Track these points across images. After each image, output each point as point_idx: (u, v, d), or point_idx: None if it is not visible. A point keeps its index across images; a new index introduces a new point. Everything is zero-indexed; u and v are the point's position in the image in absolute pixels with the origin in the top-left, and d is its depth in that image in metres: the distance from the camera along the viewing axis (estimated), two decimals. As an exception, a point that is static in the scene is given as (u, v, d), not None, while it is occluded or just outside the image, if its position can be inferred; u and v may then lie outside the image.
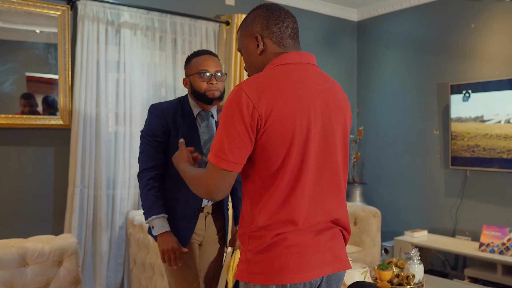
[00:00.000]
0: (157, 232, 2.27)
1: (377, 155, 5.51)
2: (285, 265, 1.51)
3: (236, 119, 1.47)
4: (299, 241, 1.54)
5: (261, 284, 1.52)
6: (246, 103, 1.47)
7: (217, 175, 1.52)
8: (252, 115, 1.46)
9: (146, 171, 2.33)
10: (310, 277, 1.54)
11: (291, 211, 1.52)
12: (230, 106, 1.49)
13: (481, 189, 4.52)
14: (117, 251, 3.88)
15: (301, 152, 1.52)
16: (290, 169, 1.51)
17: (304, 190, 1.54)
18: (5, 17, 3.45)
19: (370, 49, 5.61)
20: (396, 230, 5.13)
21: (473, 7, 4.55)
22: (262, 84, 1.52)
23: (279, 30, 1.63)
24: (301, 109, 1.52)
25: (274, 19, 1.63)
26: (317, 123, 1.56)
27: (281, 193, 1.52)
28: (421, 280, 2.93)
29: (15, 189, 3.55)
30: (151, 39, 4.07)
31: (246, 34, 1.69)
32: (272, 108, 1.48)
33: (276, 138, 1.49)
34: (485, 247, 4.08)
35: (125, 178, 3.91)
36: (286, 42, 1.64)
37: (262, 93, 1.49)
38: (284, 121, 1.49)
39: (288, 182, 1.52)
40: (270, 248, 1.52)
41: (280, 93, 1.51)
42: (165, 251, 2.25)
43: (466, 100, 4.46)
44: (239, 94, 1.49)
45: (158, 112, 2.36)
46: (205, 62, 2.35)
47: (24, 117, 3.52)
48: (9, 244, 2.65)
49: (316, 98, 1.57)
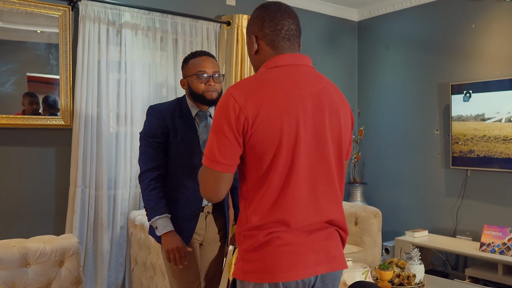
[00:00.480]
0: (161, 232, 2.27)
1: (378, 155, 5.52)
2: (277, 263, 1.53)
3: (223, 122, 1.50)
4: (292, 240, 1.55)
5: (254, 282, 1.54)
6: (233, 106, 1.50)
7: (212, 177, 1.57)
8: (238, 118, 1.49)
9: (147, 172, 2.33)
10: (302, 276, 1.55)
11: (283, 212, 1.54)
12: (219, 110, 1.54)
13: (482, 189, 4.52)
14: (118, 251, 3.88)
15: (290, 154, 1.53)
16: (280, 170, 1.53)
17: (296, 191, 1.55)
18: (7, 17, 3.46)
19: (371, 49, 5.62)
20: (396, 230, 5.13)
21: (474, 7, 4.55)
22: (250, 87, 1.54)
23: (272, 33, 1.64)
24: (289, 111, 1.53)
25: (269, 21, 1.64)
26: (307, 124, 1.56)
27: (272, 194, 1.54)
28: (422, 280, 2.93)
29: (17, 189, 3.55)
30: (152, 40, 4.07)
31: (247, 32, 1.73)
32: (258, 110, 1.50)
33: (263, 139, 1.51)
34: (486, 247, 4.08)
35: (126, 178, 3.92)
36: (279, 44, 1.64)
37: (249, 96, 1.51)
38: (270, 123, 1.50)
39: (279, 183, 1.53)
40: (263, 247, 1.54)
41: (268, 96, 1.52)
42: (170, 250, 2.26)
43: (467, 100, 4.46)
44: (227, 97, 1.53)
45: (156, 113, 2.37)
46: (202, 63, 2.35)
47: (25, 117, 3.52)
48: (10, 244, 2.65)
49: (307, 100, 1.57)
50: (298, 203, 1.55)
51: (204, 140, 2.38)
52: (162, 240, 2.29)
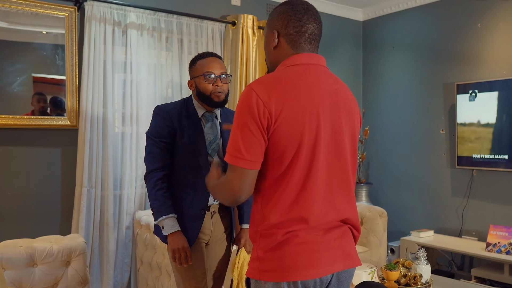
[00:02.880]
0: (168, 232, 2.28)
1: (383, 155, 5.51)
2: (296, 262, 1.53)
3: (248, 118, 1.49)
4: (309, 239, 1.55)
5: (272, 282, 1.53)
6: (256, 101, 1.49)
7: (238, 175, 1.53)
8: (263, 113, 1.48)
9: (153, 172, 2.34)
10: (321, 274, 1.55)
11: (302, 209, 1.54)
12: (242, 106, 1.52)
13: (487, 189, 4.51)
14: (124, 251, 3.89)
15: (311, 151, 1.54)
16: (301, 168, 1.53)
17: (315, 188, 1.55)
18: (13, 18, 3.47)
19: (376, 49, 5.61)
20: (402, 230, 5.12)
21: (479, 7, 4.54)
22: (272, 84, 1.54)
23: (296, 34, 1.63)
24: (310, 108, 1.54)
25: (294, 21, 1.63)
26: (326, 122, 1.57)
27: (292, 191, 1.53)
28: (429, 280, 2.92)
29: (23, 189, 3.57)
30: (158, 40, 4.08)
31: (268, 25, 1.71)
32: (282, 106, 1.50)
33: (286, 136, 1.50)
34: (492, 247, 4.07)
35: (131, 178, 3.93)
36: (300, 46, 1.65)
37: (272, 92, 1.51)
38: (293, 119, 1.51)
39: (299, 180, 1.53)
40: (281, 246, 1.54)
41: (289, 93, 1.52)
42: (175, 250, 2.27)
43: (473, 100, 4.45)
44: (250, 93, 1.51)
45: (163, 113, 2.38)
46: (210, 64, 2.37)
47: (32, 118, 3.54)
48: (17, 244, 2.67)
49: (325, 99, 1.59)
50: (317, 201, 1.56)
51: (210, 141, 2.40)
52: (168, 240, 2.30)
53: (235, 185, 1.54)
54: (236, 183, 1.53)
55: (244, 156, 1.50)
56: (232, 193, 1.56)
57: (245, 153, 1.49)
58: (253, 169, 1.52)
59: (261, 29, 4.59)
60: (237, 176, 1.53)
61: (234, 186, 1.54)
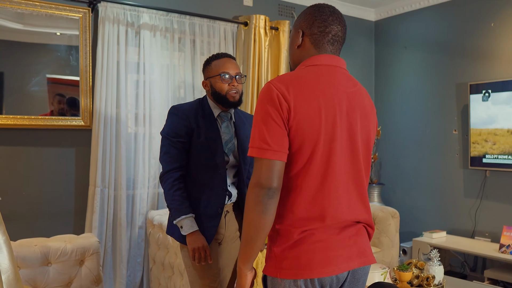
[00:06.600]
0: (187, 232, 2.30)
1: (395, 155, 5.49)
2: (312, 260, 1.54)
3: (271, 110, 1.51)
4: (325, 237, 1.57)
5: (289, 279, 1.55)
6: (276, 94, 1.52)
7: (265, 167, 1.49)
8: (283, 106, 1.50)
9: (170, 172, 2.36)
10: (337, 271, 1.57)
11: (319, 208, 1.55)
12: (263, 98, 1.54)
13: (501, 190, 4.48)
14: (136, 250, 3.92)
15: (327, 150, 1.55)
16: (317, 167, 1.54)
17: (332, 187, 1.56)
18: (28, 20, 3.51)
19: (388, 49, 5.59)
20: (414, 231, 5.10)
21: (493, 6, 4.50)
22: (290, 80, 1.57)
23: (319, 34, 1.67)
24: (327, 108, 1.55)
25: (319, 22, 1.67)
26: (343, 123, 1.59)
27: (309, 190, 1.55)
28: (441, 282, 2.91)
29: (38, 189, 3.61)
30: (170, 40, 4.10)
31: (295, 25, 1.76)
32: (300, 103, 1.52)
33: (303, 133, 1.52)
34: (505, 248, 4.04)
35: (144, 178, 3.95)
36: (323, 46, 1.67)
37: (290, 88, 1.53)
38: (310, 116, 1.52)
39: (316, 179, 1.55)
40: (297, 244, 1.55)
41: (307, 91, 1.54)
42: (195, 249, 2.28)
43: (486, 100, 4.42)
44: (269, 88, 1.54)
45: (180, 113, 2.40)
46: (226, 64, 2.40)
47: (46, 118, 3.57)
48: (32, 243, 2.70)
49: (342, 100, 1.60)
50: (334, 200, 1.57)
51: (226, 140, 2.41)
52: (188, 240, 2.31)
53: (264, 177, 1.48)
54: (265, 175, 1.48)
55: (272, 147, 1.49)
56: (260, 186, 1.48)
57: (272, 143, 1.49)
58: (281, 160, 1.51)
59: (273, 30, 4.60)
60: (264, 168, 1.48)
61: (263, 178, 1.48)
